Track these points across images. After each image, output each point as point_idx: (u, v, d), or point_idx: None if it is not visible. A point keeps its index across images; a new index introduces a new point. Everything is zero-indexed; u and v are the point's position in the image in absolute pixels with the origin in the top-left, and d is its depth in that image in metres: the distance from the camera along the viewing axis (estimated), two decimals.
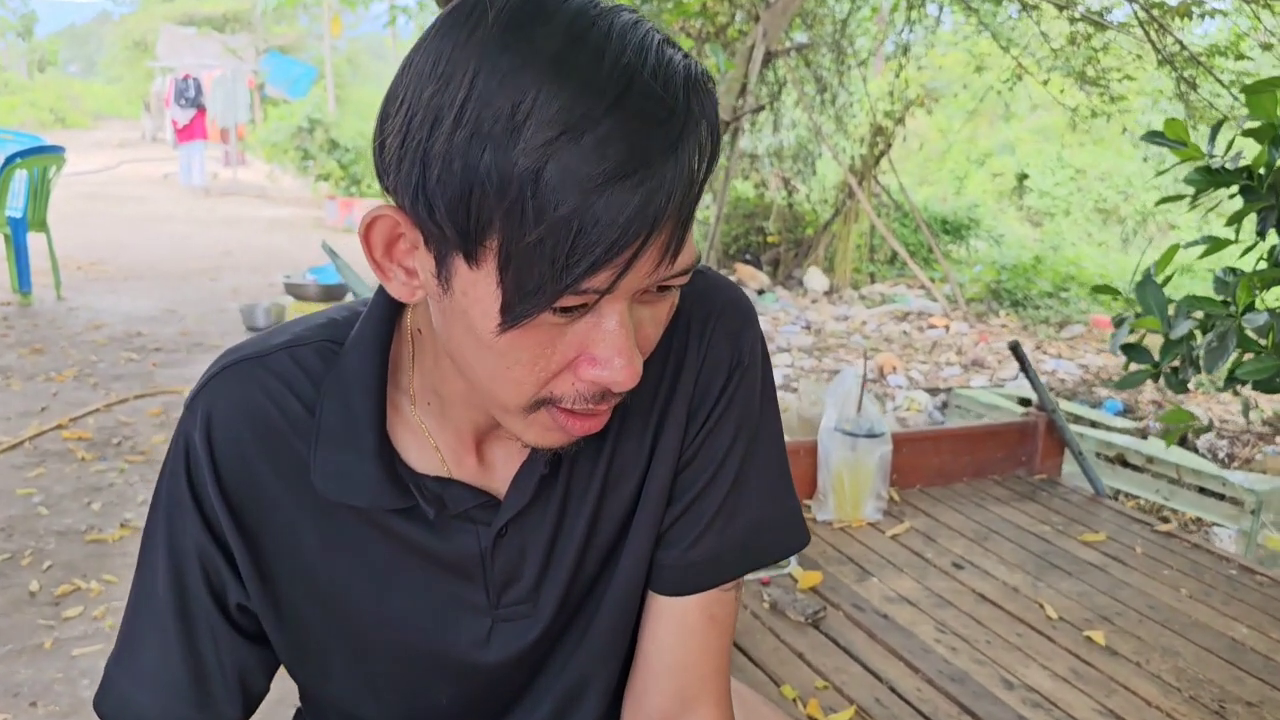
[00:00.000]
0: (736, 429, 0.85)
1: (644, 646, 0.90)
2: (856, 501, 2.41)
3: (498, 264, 0.60)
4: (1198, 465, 4.00)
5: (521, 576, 0.84)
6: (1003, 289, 9.32)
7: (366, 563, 0.81)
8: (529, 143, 0.57)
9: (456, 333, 0.67)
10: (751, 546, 0.88)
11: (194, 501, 0.80)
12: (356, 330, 0.78)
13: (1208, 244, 2.68)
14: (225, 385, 0.80)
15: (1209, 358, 2.33)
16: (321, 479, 0.77)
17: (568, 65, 0.58)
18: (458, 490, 0.80)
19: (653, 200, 0.58)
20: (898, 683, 1.77)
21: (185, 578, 0.81)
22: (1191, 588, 2.21)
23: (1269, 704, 1.77)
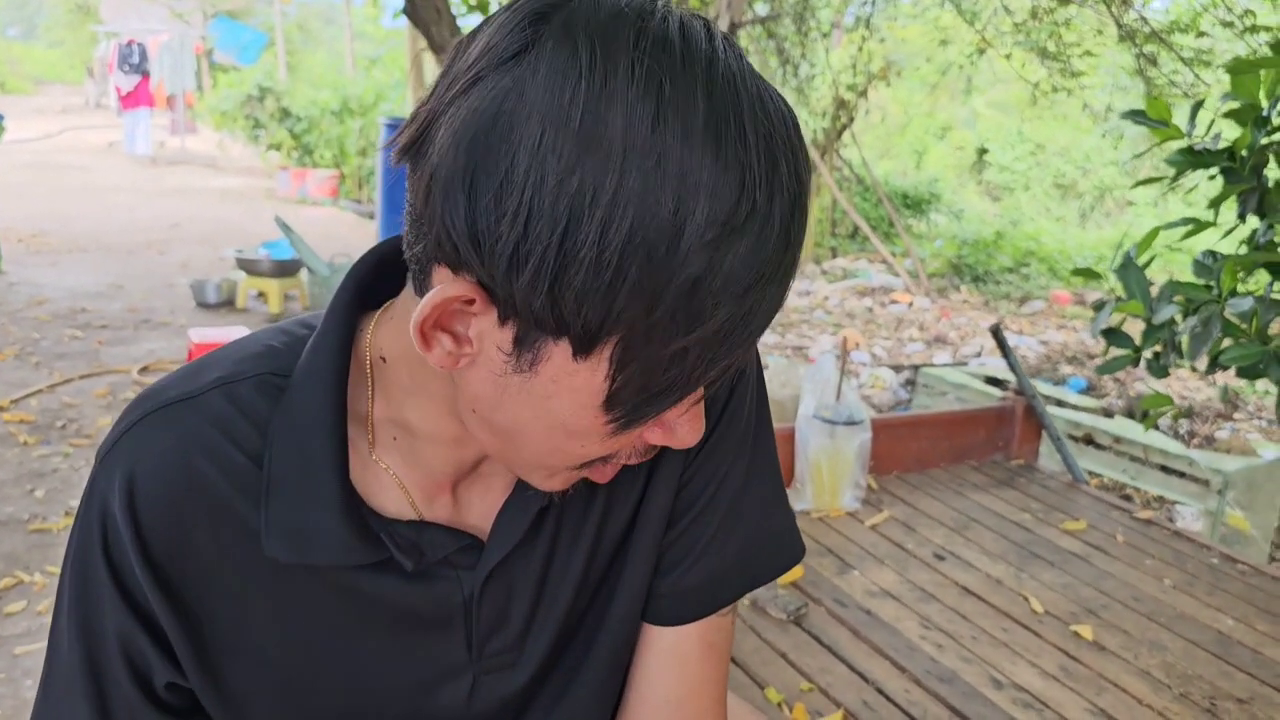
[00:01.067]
0: (737, 444, 0.78)
1: (637, 681, 0.81)
2: (835, 490, 2.34)
3: (615, 359, 0.53)
4: (1164, 445, 4.00)
5: (508, 622, 0.75)
6: (964, 264, 9.34)
7: (329, 628, 0.71)
8: (690, 244, 0.49)
9: (517, 408, 0.58)
10: (750, 565, 0.81)
11: (112, 580, 0.68)
12: (305, 360, 0.67)
13: (1188, 226, 2.64)
14: (148, 438, 0.67)
15: (1193, 343, 2.28)
16: (276, 541, 0.66)
17: (722, 139, 0.49)
18: (435, 534, 0.70)
19: (785, 286, 0.54)
20: (885, 683, 1.71)
21: (102, 662, 0.70)
22: (1175, 578, 2.18)
23: (1259, 700, 1.74)
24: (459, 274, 0.53)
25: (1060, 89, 9.23)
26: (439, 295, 0.54)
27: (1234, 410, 5.85)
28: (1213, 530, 3.65)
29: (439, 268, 0.54)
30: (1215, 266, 2.43)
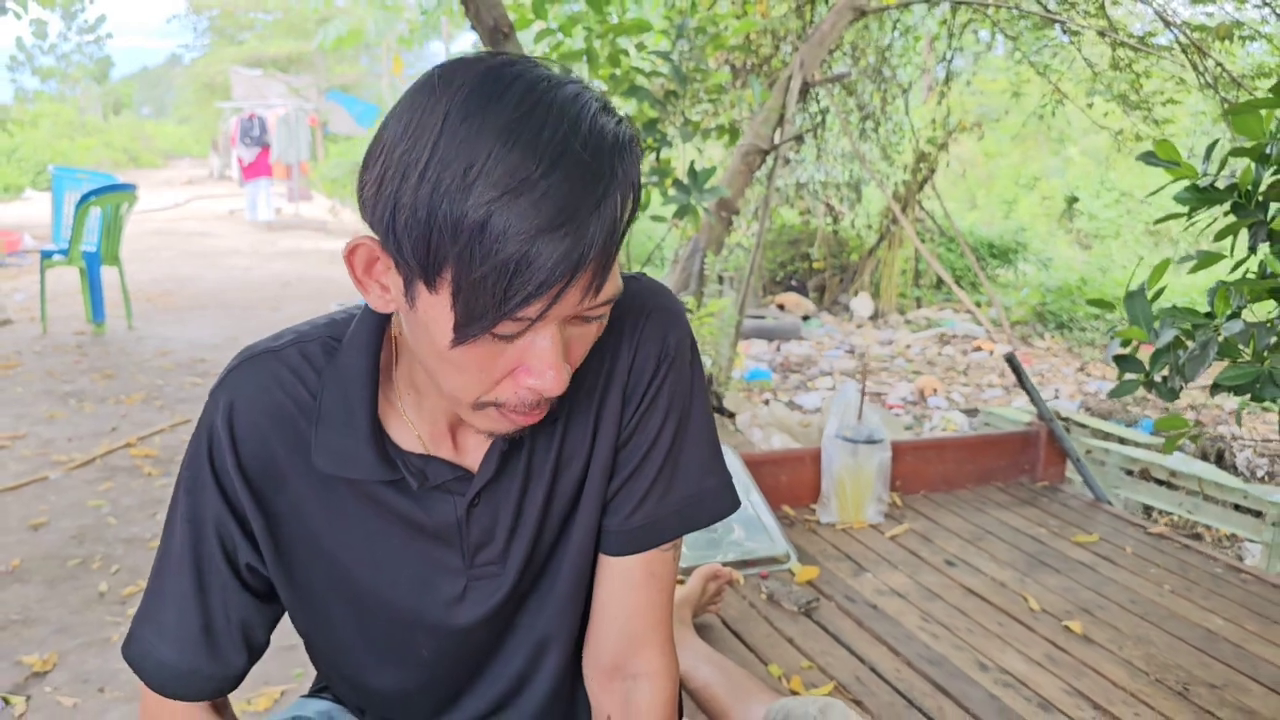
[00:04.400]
0: (666, 413, 1.02)
1: (597, 601, 1.07)
2: (858, 505, 2.55)
3: (451, 292, 0.74)
4: (1219, 479, 4.05)
5: (493, 539, 1.00)
6: (1048, 311, 9.34)
7: (360, 529, 0.98)
8: (478, 198, 0.70)
9: (420, 342, 0.82)
10: (686, 513, 1.05)
11: (214, 478, 0.94)
12: (352, 330, 0.95)
13: (1201, 259, 2.79)
14: (244, 376, 0.94)
15: (1190, 365, 2.43)
16: (322, 456, 0.93)
17: (514, 135, 0.71)
18: (437, 465, 0.96)
19: (577, 247, 0.72)
20: (878, 664, 1.91)
21: (202, 545, 0.95)
22: (1174, 584, 2.32)
23: (1232, 686, 1.88)
24: (369, 236, 0.80)
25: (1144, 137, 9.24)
26: (351, 244, 0.80)
27: None
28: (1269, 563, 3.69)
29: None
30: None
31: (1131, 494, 4.09)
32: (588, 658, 1.09)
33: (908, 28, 9.59)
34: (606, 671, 1.06)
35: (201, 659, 0.96)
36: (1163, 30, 8.12)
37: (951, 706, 1.78)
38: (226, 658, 0.98)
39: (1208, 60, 7.82)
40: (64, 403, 4.95)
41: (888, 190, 9.47)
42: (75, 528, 3.39)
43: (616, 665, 1.06)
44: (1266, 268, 2.67)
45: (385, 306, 0.83)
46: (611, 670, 1.06)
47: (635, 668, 1.06)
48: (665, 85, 4.96)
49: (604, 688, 1.07)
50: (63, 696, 2.36)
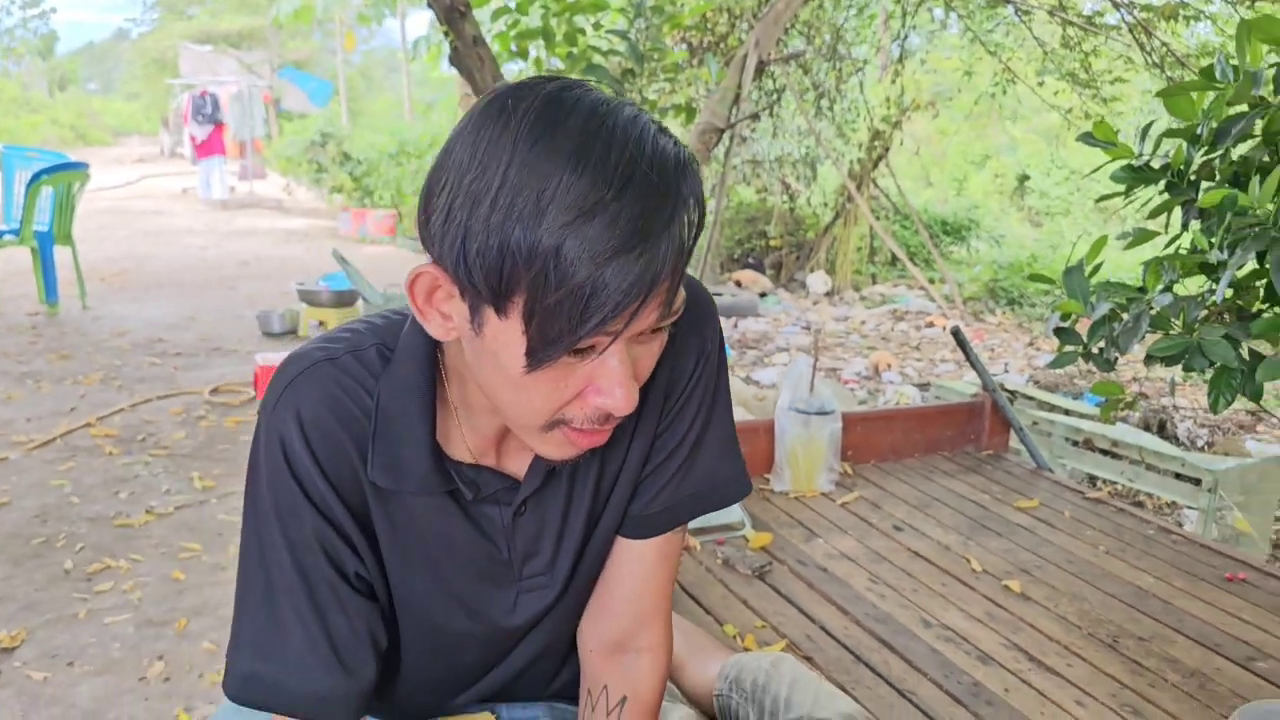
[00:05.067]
0: (698, 407, 1.06)
1: (608, 581, 1.12)
2: (810, 474, 2.64)
3: (523, 317, 0.74)
4: (1159, 448, 4.20)
5: (539, 551, 1.05)
6: (999, 287, 9.52)
7: (418, 541, 1.00)
8: (551, 224, 0.71)
9: (486, 368, 0.82)
10: (704, 498, 1.10)
11: (303, 493, 0.92)
12: (404, 342, 0.93)
13: (1136, 236, 2.91)
14: (308, 385, 0.92)
15: (1124, 337, 2.55)
16: (378, 470, 0.93)
17: (583, 159, 0.71)
18: (488, 475, 0.99)
19: (650, 268, 0.73)
20: (828, 622, 2.01)
21: (309, 565, 0.93)
22: (1109, 545, 2.44)
23: (1159, 639, 2.00)
24: (432, 264, 0.81)
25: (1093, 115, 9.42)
26: (413, 273, 0.80)
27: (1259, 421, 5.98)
28: (1205, 529, 3.85)
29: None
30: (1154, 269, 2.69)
31: (1076, 463, 4.24)
32: (592, 633, 1.14)
33: (862, 6, 9.69)
34: (610, 647, 1.12)
35: (339, 679, 0.94)
36: (1111, 10, 8.27)
37: (896, 660, 1.88)
38: (360, 671, 0.96)
39: (1154, 40, 7.98)
40: (21, 383, 4.93)
41: (843, 168, 9.58)
42: (38, 507, 3.40)
43: (621, 641, 1.11)
44: (1196, 244, 2.79)
45: (446, 335, 0.83)
46: (616, 646, 1.12)
47: (639, 643, 1.12)
48: (622, 64, 5.01)
49: (604, 661, 1.13)
50: (32, 671, 2.39)
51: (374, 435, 0.93)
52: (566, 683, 1.26)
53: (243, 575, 0.96)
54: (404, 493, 0.96)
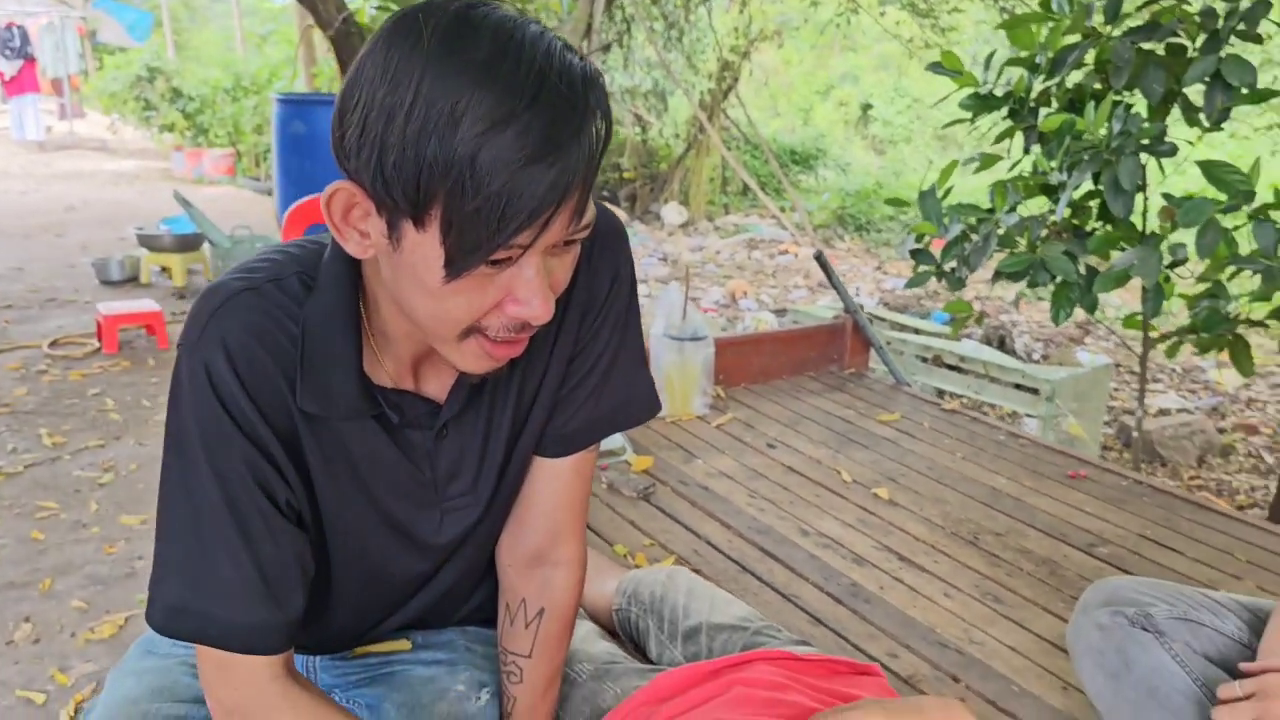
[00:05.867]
0: (613, 327, 1.09)
1: (526, 498, 1.15)
2: (686, 398, 2.72)
3: (441, 228, 0.76)
4: (1001, 361, 4.48)
5: (462, 472, 1.07)
6: (847, 214, 9.83)
7: (347, 466, 1.00)
8: (465, 134, 0.72)
9: (405, 282, 0.83)
10: (617, 417, 1.14)
11: (233, 423, 0.91)
12: (326, 269, 0.93)
13: (982, 160, 3.06)
14: (232, 314, 0.90)
15: (975, 256, 2.71)
16: (307, 398, 0.93)
17: (493, 72, 0.73)
18: (411, 399, 1.00)
19: (563, 176, 0.75)
20: (712, 537, 2.10)
21: (239, 495, 0.92)
22: (965, 451, 2.61)
23: (1013, 533, 2.16)
24: (348, 180, 0.81)
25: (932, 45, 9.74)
26: (329, 190, 0.80)
27: (1086, 334, 6.41)
28: (1044, 434, 4.13)
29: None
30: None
31: (926, 379, 4.47)
32: (510, 548, 1.18)
33: None
34: (527, 561, 1.16)
35: (269, 608, 0.94)
36: None
37: (779, 568, 1.98)
38: (289, 601, 0.96)
39: None
40: None
41: (694, 99, 9.64)
42: None
43: (538, 555, 1.16)
44: (1038, 167, 2.97)
45: (363, 252, 0.84)
46: (533, 559, 1.16)
47: (556, 556, 1.16)
48: None
49: (522, 575, 1.17)
50: None
51: (301, 362, 0.93)
52: (478, 605, 1.29)
53: (166, 510, 0.94)
54: (332, 419, 0.96)
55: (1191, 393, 5.39)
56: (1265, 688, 1.16)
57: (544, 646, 1.19)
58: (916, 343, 4.74)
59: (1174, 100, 2.78)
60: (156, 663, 1.16)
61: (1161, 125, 2.64)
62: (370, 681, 1.22)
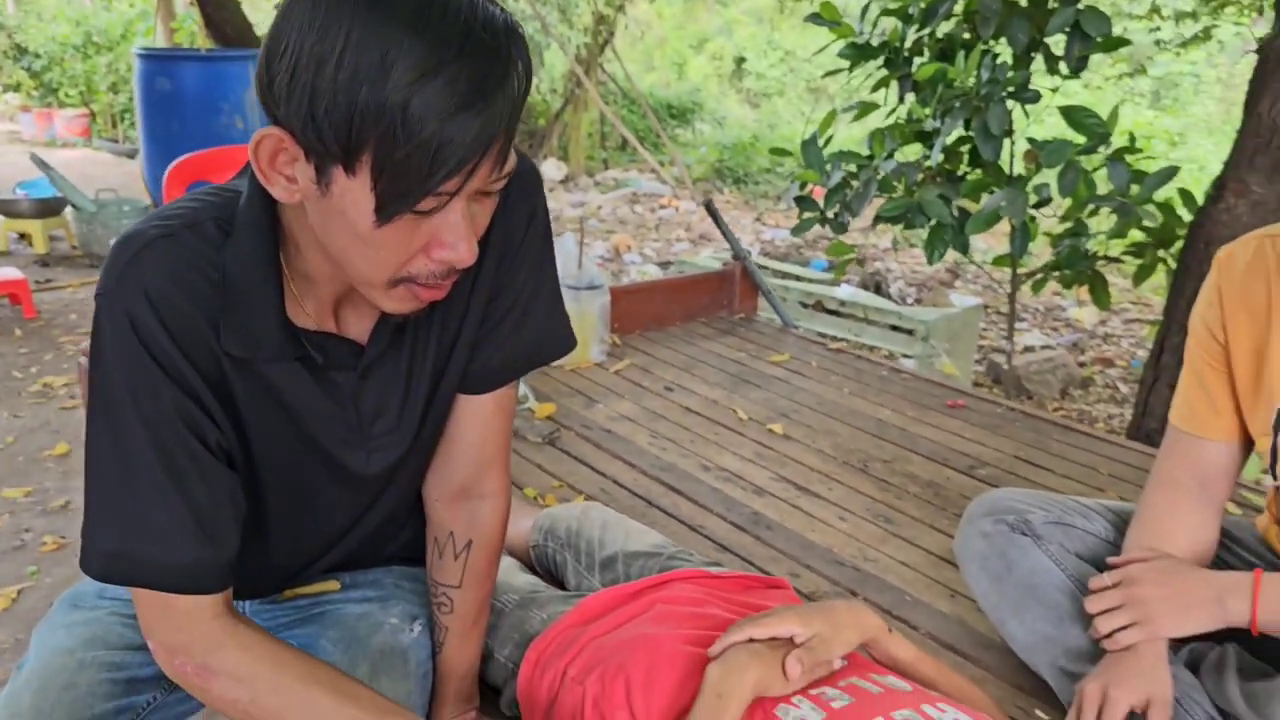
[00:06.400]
0: (530, 267, 1.12)
1: (451, 434, 1.19)
2: (584, 346, 2.78)
3: (372, 173, 0.78)
4: (879, 304, 4.67)
5: (385, 412, 1.09)
6: (725, 167, 9.97)
7: (275, 406, 1.02)
8: (396, 82, 0.74)
9: (334, 227, 0.85)
10: (535, 353, 1.18)
11: (159, 367, 0.91)
12: (244, 215, 0.94)
13: (860, 108, 3.18)
14: (151, 261, 0.91)
15: (856, 201, 2.83)
16: (231, 341, 0.95)
17: (421, 21, 0.75)
18: (334, 341, 1.02)
19: (489, 125, 0.78)
20: (619, 476, 2.17)
21: (168, 439, 0.93)
22: (852, 387, 2.74)
23: (899, 460, 2.30)
24: (275, 127, 0.82)
25: None
26: (256, 137, 0.82)
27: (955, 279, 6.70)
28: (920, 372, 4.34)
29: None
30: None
31: (809, 324, 4.63)
32: (437, 484, 1.21)
33: None
34: (454, 495, 1.20)
35: (205, 548, 0.96)
36: None
37: (684, 501, 2.07)
38: (224, 541, 0.98)
39: None
40: None
41: (570, 53, 9.60)
42: None
43: (465, 489, 1.20)
44: (913, 114, 3.11)
45: (290, 197, 0.85)
46: (460, 493, 1.20)
47: (481, 489, 1.20)
48: None
49: (450, 508, 1.21)
50: None
51: (225, 307, 0.94)
52: (405, 545, 1.33)
53: (95, 460, 0.95)
54: (258, 361, 0.98)
55: (1054, 330, 5.71)
56: (1129, 575, 1.30)
57: (473, 576, 1.24)
58: (798, 289, 4.89)
59: (1037, 50, 2.94)
60: (85, 615, 1.17)
61: (1026, 73, 2.80)
62: (302, 622, 1.25)
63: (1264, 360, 1.27)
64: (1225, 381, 1.33)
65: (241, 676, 1.00)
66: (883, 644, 1.19)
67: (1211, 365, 1.34)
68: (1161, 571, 1.29)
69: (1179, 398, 1.39)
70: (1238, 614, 1.22)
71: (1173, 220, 2.84)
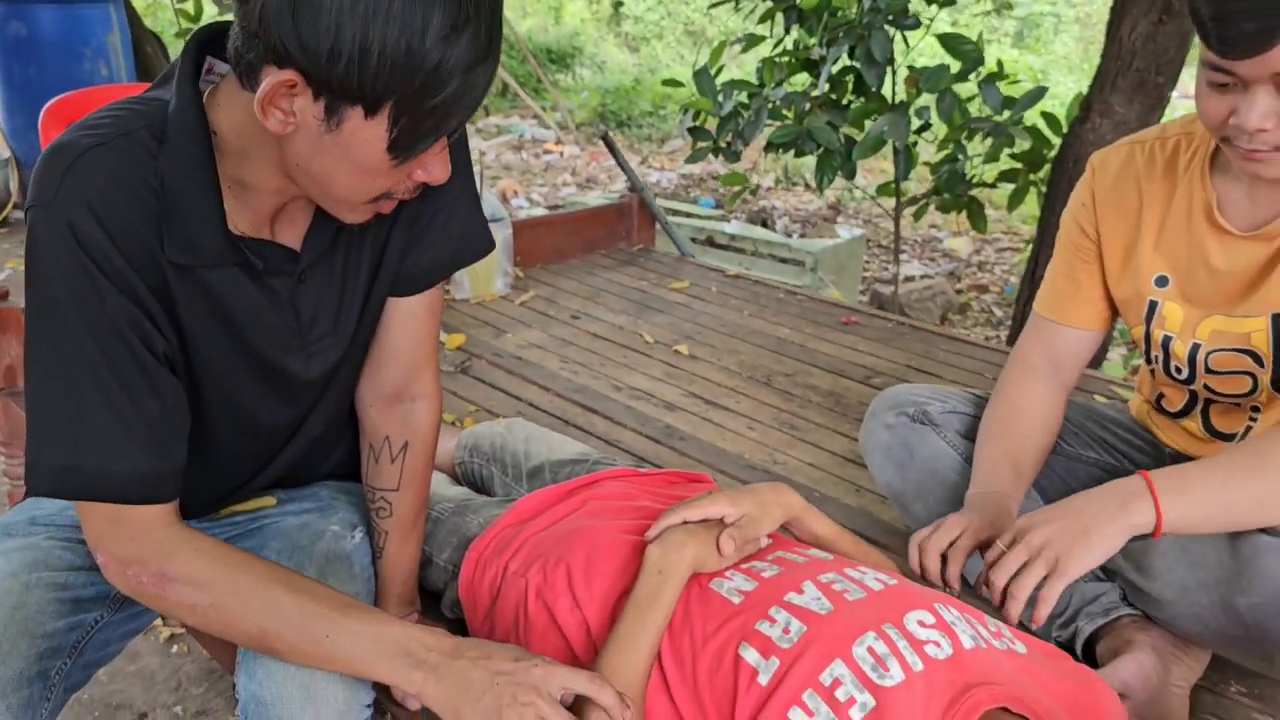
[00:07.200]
0: (455, 173, 1.12)
1: (382, 339, 1.22)
2: (488, 279, 2.81)
3: (391, 118, 0.86)
4: (768, 237, 4.79)
5: (323, 316, 1.12)
6: (608, 111, 9.96)
7: (218, 312, 1.04)
8: (434, 38, 0.82)
9: (329, 157, 0.90)
10: (461, 252, 1.22)
11: (105, 277, 0.92)
12: (177, 123, 0.95)
13: (748, 40, 3.25)
14: (88, 169, 0.91)
15: (748, 129, 2.91)
16: (176, 246, 0.96)
17: None
18: (271, 247, 1.05)
19: (493, 74, 0.88)
20: (534, 399, 2.22)
21: (112, 350, 0.93)
22: (751, 309, 2.85)
23: (800, 373, 2.41)
24: (284, 68, 0.85)
25: None
26: (274, 79, 0.84)
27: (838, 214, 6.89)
28: None
29: (268, 66, 0.86)
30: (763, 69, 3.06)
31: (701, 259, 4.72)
32: (370, 389, 1.25)
33: None
34: (388, 399, 1.24)
35: (155, 458, 0.97)
36: None
37: (599, 419, 2.14)
38: (173, 450, 1.00)
39: None
40: None
41: None
42: None
43: (398, 392, 1.23)
44: (799, 44, 3.19)
45: (283, 129, 0.89)
46: (393, 397, 1.24)
47: (414, 391, 1.24)
48: None
49: (384, 413, 1.24)
50: None
51: (165, 213, 0.95)
52: (340, 460, 1.36)
53: (40, 380, 0.95)
54: (199, 267, 1.00)
55: (932, 261, 5.94)
56: (1019, 528, 1.18)
57: (410, 478, 1.28)
58: (689, 225, 4.97)
59: None
60: (20, 542, 1.17)
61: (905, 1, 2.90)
62: (242, 537, 1.28)
63: (1134, 255, 1.39)
64: (1096, 275, 1.44)
65: (200, 581, 1.02)
66: (805, 521, 1.28)
67: (1083, 260, 1.44)
68: (1048, 510, 1.17)
69: (1046, 287, 1.49)
70: (1143, 518, 1.11)
71: (1041, 143, 3.00)
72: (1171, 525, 1.11)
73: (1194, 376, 1.35)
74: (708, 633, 1.09)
